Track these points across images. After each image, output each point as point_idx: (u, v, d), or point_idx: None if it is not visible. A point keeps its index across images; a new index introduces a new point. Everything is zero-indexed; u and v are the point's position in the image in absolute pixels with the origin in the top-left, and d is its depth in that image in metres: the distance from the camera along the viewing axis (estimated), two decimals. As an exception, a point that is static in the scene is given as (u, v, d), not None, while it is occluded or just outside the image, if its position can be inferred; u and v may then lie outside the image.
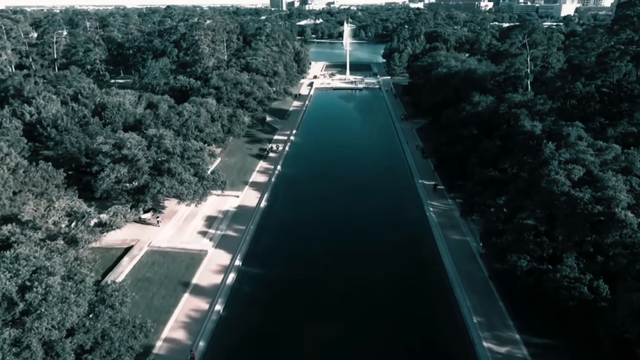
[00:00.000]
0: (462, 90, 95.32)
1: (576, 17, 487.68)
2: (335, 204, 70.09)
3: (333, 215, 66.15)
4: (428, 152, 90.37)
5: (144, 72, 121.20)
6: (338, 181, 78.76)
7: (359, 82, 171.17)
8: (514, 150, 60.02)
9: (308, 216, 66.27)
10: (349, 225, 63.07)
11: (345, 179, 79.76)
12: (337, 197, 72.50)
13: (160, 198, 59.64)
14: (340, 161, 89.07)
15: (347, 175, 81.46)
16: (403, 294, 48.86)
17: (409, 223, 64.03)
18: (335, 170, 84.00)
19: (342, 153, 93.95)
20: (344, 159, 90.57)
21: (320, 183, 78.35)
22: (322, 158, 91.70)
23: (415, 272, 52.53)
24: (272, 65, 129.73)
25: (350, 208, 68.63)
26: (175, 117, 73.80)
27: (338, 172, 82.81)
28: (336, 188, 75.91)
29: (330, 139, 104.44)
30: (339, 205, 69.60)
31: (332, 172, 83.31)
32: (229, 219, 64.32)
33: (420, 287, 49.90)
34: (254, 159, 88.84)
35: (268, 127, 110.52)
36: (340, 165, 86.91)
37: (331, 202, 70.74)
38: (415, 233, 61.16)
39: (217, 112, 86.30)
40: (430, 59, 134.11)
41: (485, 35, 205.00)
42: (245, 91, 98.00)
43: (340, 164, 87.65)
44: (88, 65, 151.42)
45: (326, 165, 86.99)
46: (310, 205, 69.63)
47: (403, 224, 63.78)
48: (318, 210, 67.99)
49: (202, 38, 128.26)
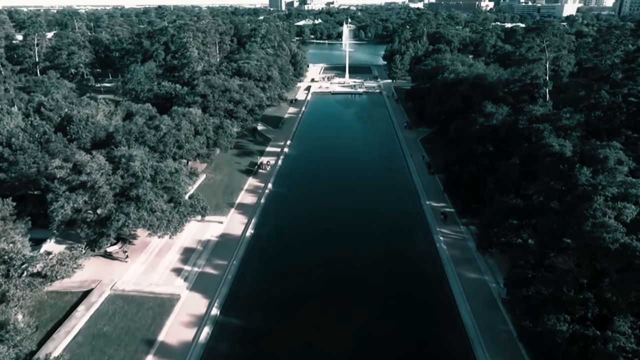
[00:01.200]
0: (472, 99, 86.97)
1: (579, 17, 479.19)
2: (330, 231, 61.58)
3: (328, 247, 57.62)
4: (435, 167, 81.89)
5: (127, 77, 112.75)
6: (334, 203, 70.20)
7: (359, 85, 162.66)
8: (539, 174, 51.56)
9: (299, 248, 57.72)
10: (347, 262, 54.48)
11: (343, 199, 71.21)
12: (333, 222, 64.01)
13: (126, 230, 51.11)
14: (338, 178, 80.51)
15: (345, 195, 72.87)
16: (414, 355, 40.37)
17: (416, 257, 55.47)
18: (331, 189, 75.46)
19: (339, 168, 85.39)
20: (342, 175, 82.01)
21: (314, 205, 69.84)
22: (318, 174, 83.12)
23: (427, 325, 44.00)
24: (266, 69, 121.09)
25: (348, 236, 60.15)
26: (151, 132, 65.21)
27: (335, 192, 74.22)
28: (332, 211, 67.39)
29: (327, 152, 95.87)
30: (336, 233, 61.10)
31: (329, 191, 74.76)
32: (209, 252, 55.78)
33: (435, 346, 41.34)
34: (243, 175, 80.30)
35: (260, 137, 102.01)
36: (337, 182, 78.34)
37: (326, 229, 62.23)
38: (424, 271, 52.61)
39: (201, 123, 77.76)
40: (435, 63, 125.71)
41: (490, 36, 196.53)
42: (235, 99, 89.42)
43: (338, 181, 79.09)
44: (72, 69, 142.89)
45: (322, 183, 78.46)
46: (302, 234, 61.05)
47: (410, 259, 55.19)
48: (311, 240, 59.41)
49: (190, 40, 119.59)
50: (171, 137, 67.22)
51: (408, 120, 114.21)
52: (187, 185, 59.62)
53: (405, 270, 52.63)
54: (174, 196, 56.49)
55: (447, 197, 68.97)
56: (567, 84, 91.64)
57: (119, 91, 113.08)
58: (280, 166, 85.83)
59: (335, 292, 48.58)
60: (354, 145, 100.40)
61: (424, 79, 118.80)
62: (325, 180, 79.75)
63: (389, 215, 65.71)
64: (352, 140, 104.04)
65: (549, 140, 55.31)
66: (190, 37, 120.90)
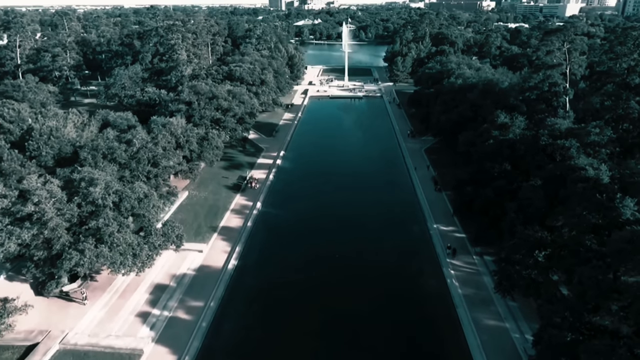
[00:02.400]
0: (482, 107, 79.28)
1: (583, 17, 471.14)
2: (325, 263, 53.83)
3: (322, 285, 49.88)
4: (442, 182, 74.27)
5: (110, 81, 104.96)
6: (330, 228, 62.46)
7: (359, 89, 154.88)
8: (569, 202, 43.88)
9: (289, 283, 49.94)
10: (345, 303, 46.73)
11: (339, 223, 63.47)
12: (328, 251, 56.18)
13: (81, 270, 43.33)
14: (335, 196, 72.66)
15: (343, 218, 65.11)
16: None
17: (424, 297, 47.76)
18: (327, 209, 67.72)
19: (336, 183, 77.48)
20: (339, 192, 74.09)
21: (307, 230, 62.14)
22: (312, 191, 75.15)
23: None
24: (260, 73, 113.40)
25: (347, 270, 52.42)
26: (122, 147, 57.47)
27: (331, 213, 66.46)
28: (327, 238, 59.66)
29: (324, 164, 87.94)
30: (331, 267, 53.29)
31: (324, 212, 67.04)
32: (183, 289, 48.10)
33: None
34: (230, 192, 72.58)
35: (252, 147, 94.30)
36: (334, 202, 70.54)
37: (320, 259, 54.50)
38: (433, 316, 44.89)
39: (184, 135, 70.10)
40: (440, 66, 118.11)
41: (495, 37, 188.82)
42: (222, 107, 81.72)
43: (335, 200, 71.27)
44: (56, 72, 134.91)
45: (317, 202, 70.64)
46: (291, 266, 53.27)
47: (416, 300, 47.38)
48: (300, 275, 51.56)
49: (179, 42, 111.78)
50: (146, 153, 59.46)
51: (411, 128, 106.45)
52: (160, 210, 51.97)
53: (411, 316, 44.82)
54: (143, 225, 48.98)
55: (457, 220, 61.18)
56: (585, 90, 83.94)
57: (102, 96, 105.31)
58: (271, 181, 78.07)
59: (331, 345, 40.84)
60: (353, 156, 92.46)
61: (428, 84, 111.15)
62: (320, 198, 71.90)
63: (393, 244, 57.84)
64: (350, 150, 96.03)
65: (579, 161, 47.66)
66: (179, 38, 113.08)
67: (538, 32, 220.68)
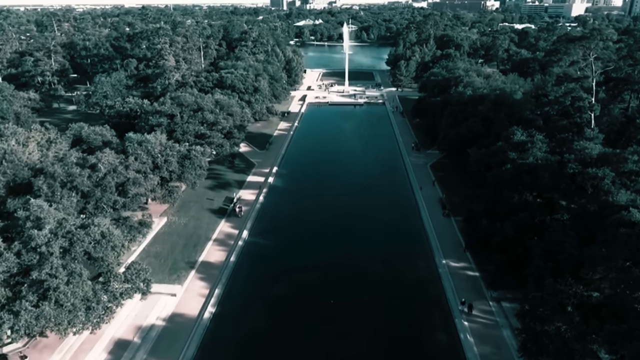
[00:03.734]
0: (494, 121, 71.86)
1: (590, 18, 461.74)
2: (317, 310, 46.40)
3: (312, 335, 42.47)
4: (451, 205, 66.82)
5: (91, 89, 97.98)
6: (324, 263, 54.94)
7: (360, 95, 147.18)
8: (609, 250, 36.35)
9: (273, 335, 42.50)
10: None
11: (336, 258, 55.95)
12: (322, 295, 48.75)
13: (14, 336, 35.98)
14: (331, 220, 65.21)
15: (339, 249, 57.69)
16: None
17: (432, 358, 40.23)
18: (321, 238, 60.33)
19: (333, 206, 69.98)
20: (335, 216, 66.66)
21: (298, 266, 54.57)
22: (306, 216, 67.52)
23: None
24: (253, 79, 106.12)
25: (342, 318, 44.95)
26: (85, 172, 50.13)
27: (325, 243, 59.03)
28: (321, 276, 52.14)
29: (319, 182, 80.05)
30: (324, 316, 45.86)
31: (317, 242, 59.54)
32: (148, 347, 40.76)
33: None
34: (214, 217, 65.22)
35: (242, 161, 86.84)
36: (329, 227, 63.12)
37: (311, 305, 47.07)
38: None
39: (163, 153, 62.76)
40: (446, 72, 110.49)
41: (502, 39, 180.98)
42: (208, 120, 74.40)
43: (330, 225, 63.86)
44: (38, 77, 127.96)
45: (310, 230, 63.17)
46: (278, 312, 45.85)
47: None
48: (289, 323, 44.18)
49: (166, 47, 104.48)
50: (114, 179, 52.16)
51: (416, 140, 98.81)
52: (125, 251, 44.69)
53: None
54: (102, 270, 41.67)
55: (469, 255, 53.62)
56: (604, 99, 76.25)
57: (82, 106, 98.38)
58: (262, 203, 70.59)
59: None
60: (352, 173, 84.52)
61: (434, 91, 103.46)
62: (314, 224, 64.39)
63: (397, 285, 50.25)
64: (349, 166, 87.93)
65: (618, 197, 40.11)
66: (167, 43, 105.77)
67: (547, 34, 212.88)
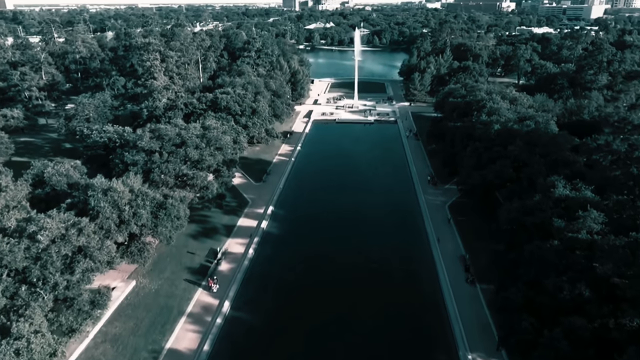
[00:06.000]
0: (528, 164, 60.65)
1: (612, 21, 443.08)
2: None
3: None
4: (476, 266, 55.84)
5: (71, 112, 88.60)
6: (322, 350, 44.32)
7: (370, 111, 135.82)
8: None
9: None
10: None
11: (334, 343, 45.24)
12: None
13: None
14: (332, 291, 54.35)
15: (339, 328, 46.94)
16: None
17: None
18: (320, 313, 49.56)
19: (334, 266, 59.13)
20: (336, 281, 55.91)
21: (291, 352, 44.01)
22: (302, 277, 56.80)
23: None
24: (251, 99, 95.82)
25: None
26: (22, 245, 40.06)
27: (325, 323, 48.24)
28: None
29: (319, 229, 68.59)
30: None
31: (315, 318, 48.82)
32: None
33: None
34: (193, 278, 54.95)
35: (234, 198, 76.49)
36: (330, 299, 52.33)
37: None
38: None
39: (133, 203, 52.71)
40: (465, 91, 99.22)
41: (524, 49, 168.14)
42: (192, 158, 64.23)
43: (331, 294, 53.07)
44: (25, 92, 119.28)
45: (306, 299, 52.44)
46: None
47: None
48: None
49: (156, 64, 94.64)
50: (60, 249, 42.08)
51: (432, 171, 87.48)
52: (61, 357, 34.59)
53: None
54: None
55: (504, 354, 42.45)
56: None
57: (61, 130, 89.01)
58: (251, 259, 60.04)
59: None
60: (358, 214, 73.13)
61: (453, 115, 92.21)
62: (309, 292, 53.69)
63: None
64: (355, 205, 75.96)
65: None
66: (156, 59, 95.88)
67: (570, 41, 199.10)
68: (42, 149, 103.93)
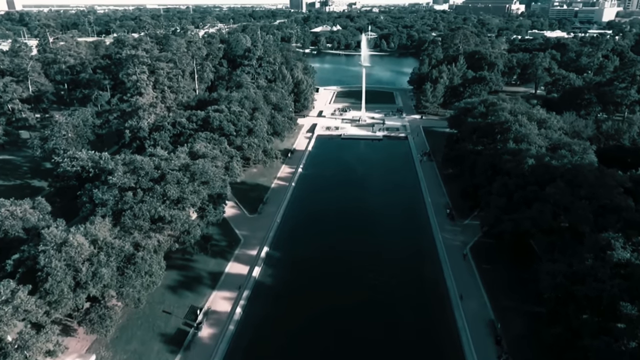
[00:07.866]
0: (570, 209, 50.68)
1: (626, 24, 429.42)
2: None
3: None
4: (509, 337, 45.97)
5: (47, 133, 79.72)
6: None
7: (378, 125, 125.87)
8: None
9: None
10: None
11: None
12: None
13: None
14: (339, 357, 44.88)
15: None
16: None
17: None
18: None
19: (335, 329, 49.67)
20: (338, 348, 46.32)
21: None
22: (300, 343, 47.32)
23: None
24: (248, 117, 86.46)
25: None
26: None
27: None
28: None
29: (319, 277, 58.57)
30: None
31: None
32: None
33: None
34: (165, 351, 45.51)
35: (224, 235, 67.11)
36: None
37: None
38: None
39: (93, 260, 43.45)
40: (484, 108, 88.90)
41: (542, 57, 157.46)
42: (171, 197, 54.80)
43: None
44: (8, 105, 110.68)
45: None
46: None
47: None
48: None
49: (143, 78, 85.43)
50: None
51: (449, 203, 77.34)
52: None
53: None
54: None
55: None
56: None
57: (37, 152, 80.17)
58: (238, 321, 50.42)
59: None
60: (365, 257, 63.09)
61: (472, 138, 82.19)
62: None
63: None
64: (362, 245, 65.93)
65: None
66: (144, 72, 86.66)
67: (590, 47, 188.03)
68: (20, 169, 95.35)
